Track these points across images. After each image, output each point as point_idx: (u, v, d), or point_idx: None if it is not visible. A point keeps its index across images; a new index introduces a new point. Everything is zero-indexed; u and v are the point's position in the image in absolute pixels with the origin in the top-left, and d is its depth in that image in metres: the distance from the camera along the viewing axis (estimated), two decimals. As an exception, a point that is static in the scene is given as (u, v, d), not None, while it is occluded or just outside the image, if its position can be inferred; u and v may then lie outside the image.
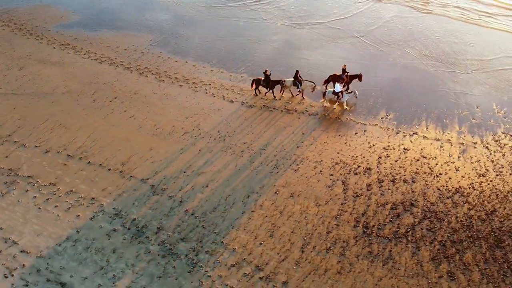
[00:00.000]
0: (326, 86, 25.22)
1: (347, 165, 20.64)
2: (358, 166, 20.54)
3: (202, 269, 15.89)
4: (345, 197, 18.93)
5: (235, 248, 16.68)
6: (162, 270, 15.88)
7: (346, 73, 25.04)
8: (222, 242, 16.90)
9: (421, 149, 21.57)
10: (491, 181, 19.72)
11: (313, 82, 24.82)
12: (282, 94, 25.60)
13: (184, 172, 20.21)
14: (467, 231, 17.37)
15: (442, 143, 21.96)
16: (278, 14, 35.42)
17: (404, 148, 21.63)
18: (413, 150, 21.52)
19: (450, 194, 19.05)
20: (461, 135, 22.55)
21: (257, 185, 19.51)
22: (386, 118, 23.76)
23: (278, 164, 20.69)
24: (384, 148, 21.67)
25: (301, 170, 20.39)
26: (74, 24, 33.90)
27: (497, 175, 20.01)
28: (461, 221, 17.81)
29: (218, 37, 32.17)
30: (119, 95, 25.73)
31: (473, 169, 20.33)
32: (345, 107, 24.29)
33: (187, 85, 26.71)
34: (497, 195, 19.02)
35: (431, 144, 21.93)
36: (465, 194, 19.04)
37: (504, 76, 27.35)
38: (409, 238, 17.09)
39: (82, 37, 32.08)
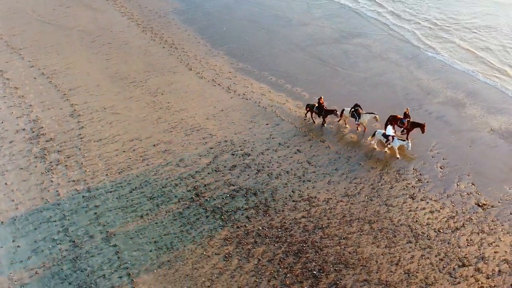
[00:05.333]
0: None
1: (233, 145, 21.84)
2: (241, 150, 21.59)
3: (52, 175, 19.63)
4: (204, 167, 20.45)
5: (86, 171, 19.96)
6: (28, 164, 20.11)
7: (407, 119, 22.44)
8: (82, 164, 20.33)
9: (313, 155, 21.42)
10: (352, 204, 18.92)
11: (374, 113, 22.93)
12: (346, 124, 23.39)
13: (104, 109, 24.00)
14: (280, 232, 17.51)
15: (339, 157, 21.39)
16: (301, 11, 36.14)
17: (297, 150, 21.73)
18: (304, 153, 21.51)
19: (299, 199, 19.01)
20: (367, 157, 21.49)
21: (145, 135, 22.26)
22: (308, 121, 23.76)
23: (177, 127, 22.98)
24: (279, 143, 22.11)
25: (192, 136, 22.36)
26: (130, -17, 40.16)
27: (363, 201, 19.03)
28: (284, 222, 17.92)
29: (229, 17, 34.73)
30: (113, 42, 30.63)
31: (344, 188, 19.64)
32: (397, 155, 21.45)
33: (169, 48, 30.24)
34: (343, 216, 18.31)
35: (328, 154, 21.53)
36: (314, 204, 18.79)
37: (478, 122, 24.11)
38: (223, 217, 18.06)
39: (127, -7, 38.08)
